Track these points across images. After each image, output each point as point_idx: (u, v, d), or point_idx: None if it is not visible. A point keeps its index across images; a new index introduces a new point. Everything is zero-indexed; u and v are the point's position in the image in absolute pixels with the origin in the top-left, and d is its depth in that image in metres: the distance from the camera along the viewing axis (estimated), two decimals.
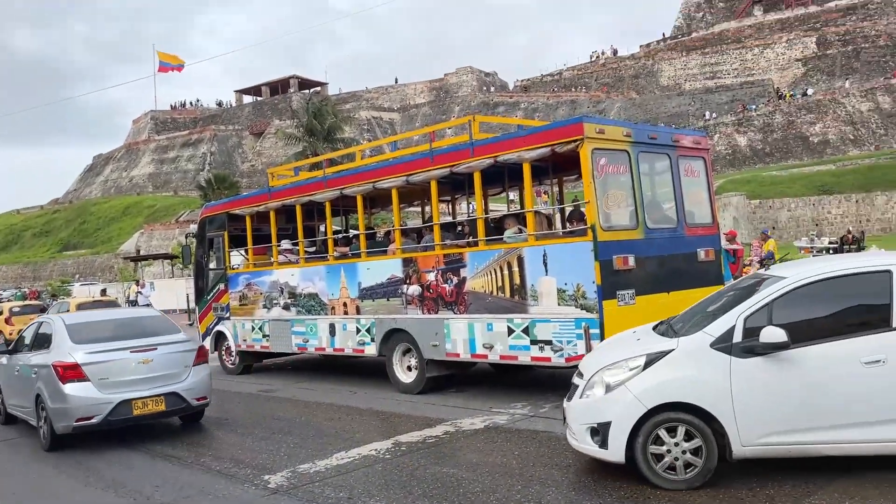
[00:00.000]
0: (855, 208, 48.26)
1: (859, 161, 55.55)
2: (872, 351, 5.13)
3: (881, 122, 67.18)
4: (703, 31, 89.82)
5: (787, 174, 54.80)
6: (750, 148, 68.85)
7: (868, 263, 5.60)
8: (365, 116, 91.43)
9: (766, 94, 76.58)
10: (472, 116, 10.09)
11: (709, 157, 10.24)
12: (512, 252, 9.03)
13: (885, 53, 74.42)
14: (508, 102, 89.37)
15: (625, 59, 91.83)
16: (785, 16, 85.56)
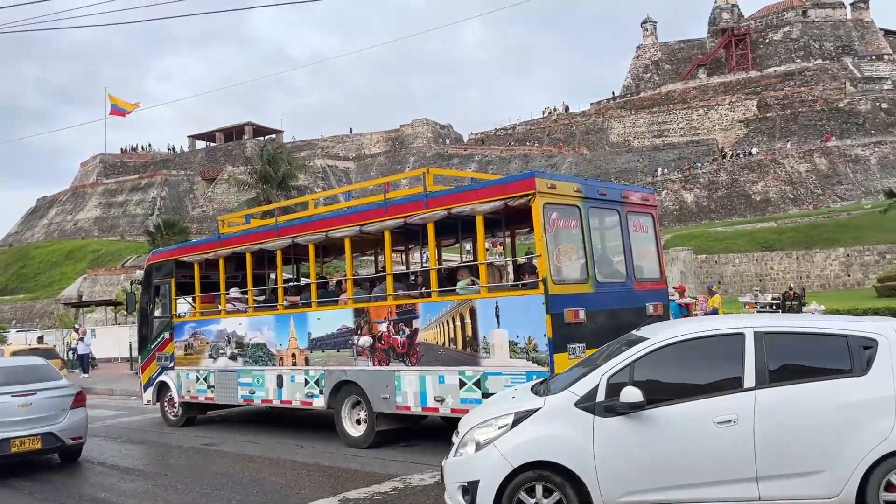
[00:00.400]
0: (796, 265, 49.89)
1: (799, 219, 57.70)
2: (724, 411, 5.24)
3: (818, 182, 70.17)
4: (651, 91, 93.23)
5: (732, 230, 56.52)
6: (696, 204, 70.98)
7: (724, 326, 5.78)
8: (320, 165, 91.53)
9: (710, 152, 79.42)
10: (427, 168, 10.18)
11: (657, 213, 10.49)
12: (464, 303, 9.02)
13: (822, 118, 78.23)
14: (463, 154, 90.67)
15: (576, 116, 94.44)
16: (727, 79, 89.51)
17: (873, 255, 48.12)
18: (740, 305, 19.35)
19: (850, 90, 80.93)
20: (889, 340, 5.31)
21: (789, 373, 5.36)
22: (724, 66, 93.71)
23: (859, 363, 5.25)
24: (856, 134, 74.89)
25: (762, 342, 5.40)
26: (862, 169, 70.94)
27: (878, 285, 37.64)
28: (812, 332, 5.51)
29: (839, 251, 49.16)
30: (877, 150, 72.17)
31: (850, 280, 47.97)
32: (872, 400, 5.11)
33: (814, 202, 67.22)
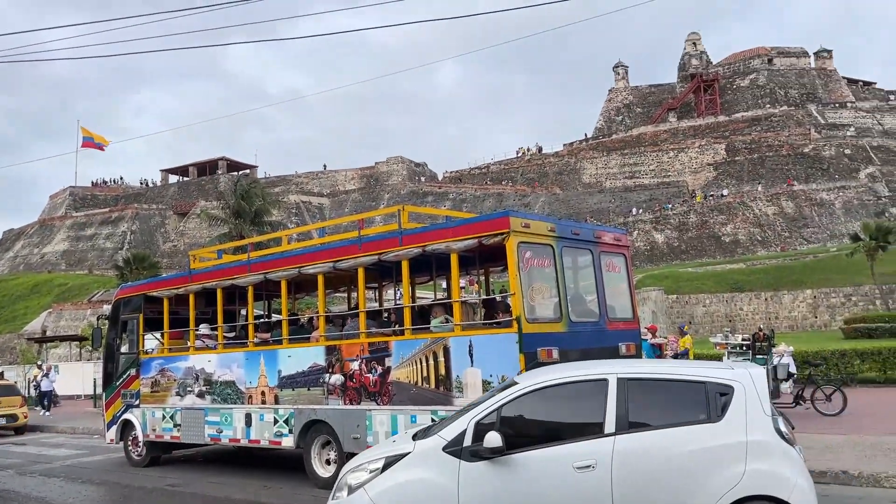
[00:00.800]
0: (764, 306, 50.56)
1: (767, 261, 58.68)
2: (584, 456, 5.26)
3: (785, 224, 71.61)
4: (623, 133, 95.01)
5: (702, 271, 57.25)
6: (667, 245, 71.90)
7: (589, 372, 5.81)
8: (294, 201, 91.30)
9: (681, 194, 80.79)
10: (402, 206, 10.19)
11: (629, 253, 10.59)
12: (438, 342, 8.96)
13: (788, 162, 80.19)
14: (437, 192, 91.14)
15: (549, 157, 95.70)
16: (697, 123, 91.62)
17: (839, 298, 48.98)
18: (711, 346, 19.48)
19: (814, 136, 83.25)
20: (745, 387, 5.36)
21: (649, 418, 5.42)
22: (693, 111, 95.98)
23: (715, 410, 5.29)
24: (821, 178, 76.82)
25: (625, 388, 5.46)
26: (827, 212, 72.61)
27: (845, 327, 38.25)
28: (673, 378, 5.60)
29: (806, 293, 49.98)
30: (841, 194, 74.03)
31: (817, 321, 48.70)
32: (725, 446, 5.15)
33: (781, 244, 68.49)
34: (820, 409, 13.91)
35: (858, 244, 43.51)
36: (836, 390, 14.15)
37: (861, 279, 46.63)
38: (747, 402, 5.28)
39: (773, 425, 5.22)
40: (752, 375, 5.45)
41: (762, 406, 5.26)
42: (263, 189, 44.89)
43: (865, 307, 46.19)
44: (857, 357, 19.20)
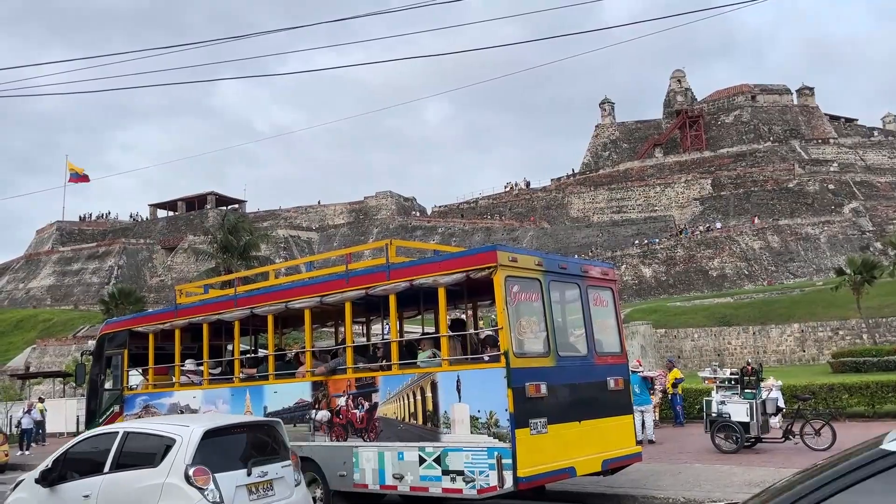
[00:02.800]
0: (753, 340, 50.65)
1: (754, 295, 58.94)
2: (88, 488, 7.36)
3: (772, 259, 72.14)
4: (610, 168, 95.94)
5: (690, 305, 57.40)
6: (655, 279, 72.16)
7: (109, 428, 8.55)
8: (283, 235, 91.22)
9: (668, 229, 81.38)
10: (389, 240, 10.20)
11: (616, 287, 10.61)
12: (425, 377, 8.90)
13: (773, 197, 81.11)
14: (426, 227, 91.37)
15: (537, 191, 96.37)
16: (683, 159, 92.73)
17: (826, 331, 49.17)
18: (699, 380, 19.45)
19: (798, 171, 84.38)
20: (183, 439, 7.08)
21: (129, 462, 7.40)
22: (679, 146, 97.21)
23: (159, 457, 7.14)
24: (805, 213, 77.67)
25: (125, 438, 7.59)
26: (813, 247, 73.27)
27: (833, 361, 38.33)
28: (149, 431, 7.70)
29: (794, 327, 50.15)
30: (826, 228, 74.81)
31: (804, 355, 48.79)
32: (154, 485, 6.94)
33: (768, 278, 68.89)
34: (809, 444, 13.86)
35: (844, 278, 43.85)
36: (825, 424, 14.12)
37: (847, 313, 46.88)
38: (179, 452, 6.99)
39: (185, 472, 6.83)
40: (191, 432, 7.17)
41: (185, 456, 6.94)
42: (252, 223, 44.92)
43: (852, 341, 46.35)
44: (846, 391, 19.19)
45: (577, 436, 8.75)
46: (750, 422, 14.12)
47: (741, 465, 12.23)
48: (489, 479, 8.04)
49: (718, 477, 10.91)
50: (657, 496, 9.81)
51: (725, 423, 14.27)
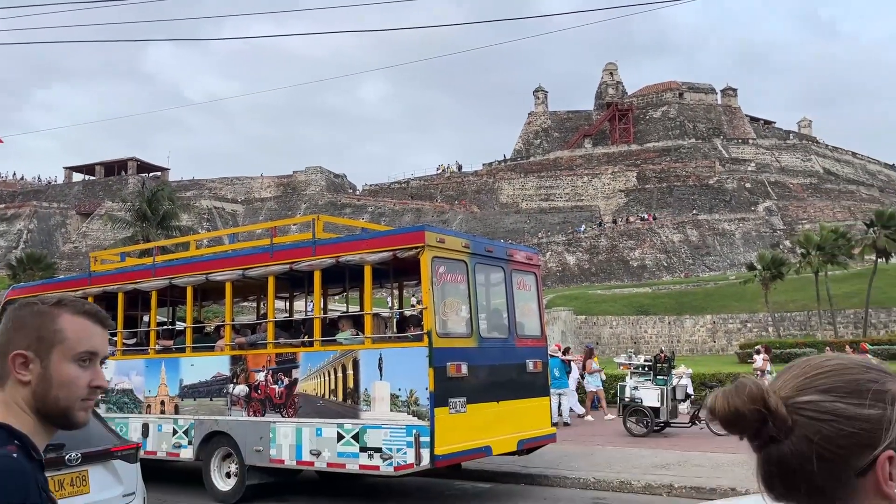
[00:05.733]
0: (668, 329, 52.59)
1: (671, 286, 61.12)
2: None
3: (689, 252, 74.87)
4: (540, 156, 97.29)
5: (610, 293, 59.05)
6: (578, 267, 73.85)
7: None
8: (206, 206, 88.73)
9: (593, 218, 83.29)
10: (317, 215, 10.08)
11: (540, 272, 10.81)
12: (348, 354, 8.87)
13: (694, 192, 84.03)
14: (356, 205, 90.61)
15: (468, 175, 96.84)
16: (611, 150, 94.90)
17: (736, 323, 51.50)
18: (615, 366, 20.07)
19: (719, 169, 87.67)
20: None
21: None
22: (608, 138, 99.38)
23: None
24: (723, 210, 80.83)
25: None
26: (728, 242, 76.41)
27: (740, 352, 40.24)
28: None
29: (707, 318, 52.31)
30: (741, 225, 78.09)
31: (715, 346, 51.00)
32: None
33: (685, 271, 71.51)
34: (713, 430, 14.52)
35: (754, 273, 45.95)
36: None
37: (756, 307, 49.19)
38: None
39: None
40: None
41: None
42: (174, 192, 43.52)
43: (759, 333, 48.71)
44: None
45: (494, 416, 8.91)
46: (660, 407, 14.69)
47: (650, 447, 12.72)
48: (406, 457, 8.11)
49: (628, 459, 11.33)
50: (569, 476, 10.11)
51: (637, 407, 14.81)
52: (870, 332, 41.86)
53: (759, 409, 0.95)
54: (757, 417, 0.95)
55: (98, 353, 1.53)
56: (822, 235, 43.06)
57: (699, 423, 14.85)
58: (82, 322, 1.52)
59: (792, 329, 48.03)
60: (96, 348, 1.53)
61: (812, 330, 45.71)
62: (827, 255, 42.00)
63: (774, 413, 0.94)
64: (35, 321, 1.49)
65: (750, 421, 0.95)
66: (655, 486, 9.38)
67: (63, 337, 1.48)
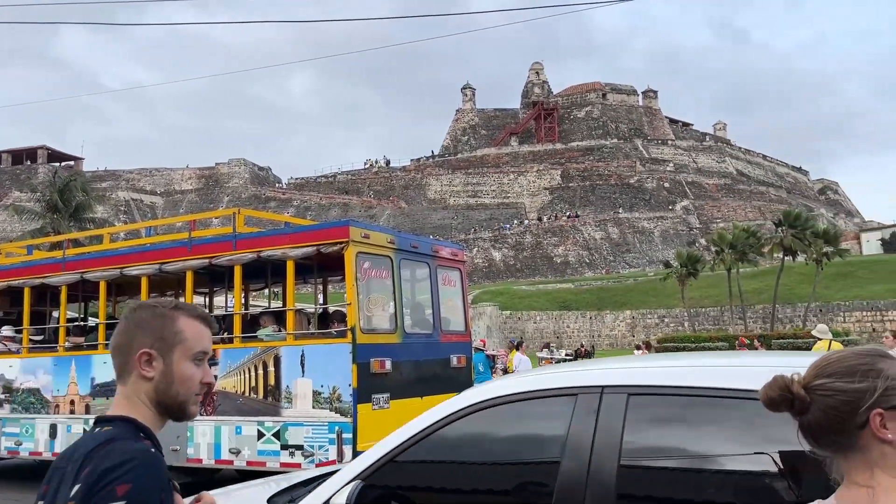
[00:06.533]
0: (589, 324, 53.94)
1: (593, 282, 62.71)
2: None
3: (611, 249, 76.95)
4: (468, 153, 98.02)
5: (535, 289, 60.10)
6: (504, 263, 74.81)
7: None
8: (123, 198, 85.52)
9: (519, 216, 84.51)
10: (238, 209, 9.86)
11: (465, 268, 10.89)
12: (269, 351, 8.71)
13: (615, 191, 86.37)
14: (281, 199, 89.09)
15: (396, 171, 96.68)
16: (536, 149, 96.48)
17: (654, 318, 53.27)
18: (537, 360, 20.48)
19: (639, 169, 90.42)
20: None
21: None
22: (533, 137, 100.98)
23: None
24: (642, 208, 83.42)
25: None
26: (647, 240, 78.92)
27: (658, 346, 41.67)
28: None
29: (626, 313, 53.91)
30: (659, 224, 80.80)
31: (634, 340, 52.60)
32: None
33: (606, 267, 73.47)
34: None
35: (672, 270, 47.62)
36: None
37: (673, 302, 51.01)
38: None
39: None
40: None
41: None
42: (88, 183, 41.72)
43: (675, 328, 50.56)
44: None
45: (418, 410, 8.89)
46: None
47: None
48: (328, 454, 8.03)
49: None
50: None
51: None
52: (777, 327, 44.03)
53: (786, 394, 1.40)
54: (786, 400, 1.40)
55: (208, 353, 1.70)
56: (735, 234, 44.98)
57: None
58: (197, 325, 1.68)
59: (706, 324, 50.04)
60: (207, 349, 1.70)
61: (724, 324, 47.74)
62: (739, 254, 43.91)
63: (796, 396, 1.40)
64: (157, 323, 1.64)
65: (782, 403, 1.41)
66: None
67: (183, 338, 1.64)
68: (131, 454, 1.48)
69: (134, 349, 1.62)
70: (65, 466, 1.53)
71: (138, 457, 1.48)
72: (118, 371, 1.65)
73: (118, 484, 1.43)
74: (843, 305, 46.72)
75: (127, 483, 1.43)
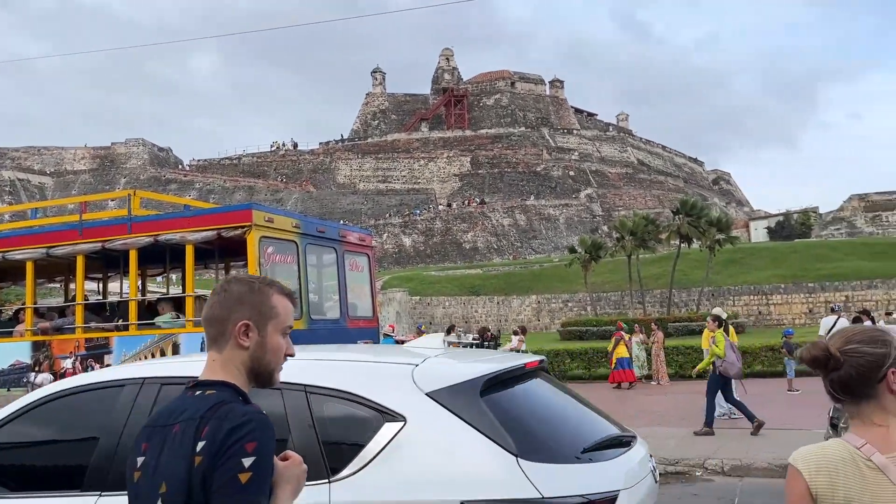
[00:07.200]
0: (497, 309, 54.87)
1: (501, 268, 63.77)
2: None
3: (518, 235, 78.41)
4: (378, 138, 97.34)
5: (444, 275, 60.56)
6: (414, 248, 74.95)
7: None
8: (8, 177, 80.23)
9: (429, 202, 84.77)
10: (134, 190, 9.42)
11: (373, 253, 10.83)
12: (167, 338, 8.40)
13: (523, 179, 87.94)
14: (183, 181, 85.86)
15: (304, 154, 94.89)
16: (446, 135, 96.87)
17: (559, 303, 54.75)
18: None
19: (546, 157, 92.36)
20: None
21: None
22: (444, 123, 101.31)
23: None
24: (549, 196, 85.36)
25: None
26: (553, 227, 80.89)
27: (562, 329, 42.89)
28: None
29: (532, 298, 55.14)
30: (565, 211, 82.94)
31: (540, 324, 53.94)
32: None
33: (514, 253, 74.86)
34: None
35: (576, 256, 49.01)
36: None
37: (577, 287, 52.55)
38: None
39: None
40: None
41: None
42: None
43: (579, 312, 52.13)
44: (568, 356, 21.58)
45: None
46: None
47: None
48: None
49: None
50: None
51: None
52: (672, 311, 46.14)
53: (826, 354, 1.87)
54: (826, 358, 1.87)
55: (292, 328, 1.89)
56: (635, 222, 46.72)
57: None
58: (286, 301, 1.86)
59: (607, 308, 51.85)
60: (292, 324, 1.89)
61: (624, 308, 49.61)
62: (638, 240, 45.65)
63: (834, 356, 1.87)
64: (255, 298, 1.81)
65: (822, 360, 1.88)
66: None
67: (276, 313, 1.83)
68: (250, 415, 1.65)
69: (233, 320, 1.78)
70: (169, 425, 1.69)
71: (257, 418, 1.66)
72: (213, 339, 1.81)
73: (246, 442, 1.60)
74: (733, 290, 49.44)
75: (253, 441, 1.61)
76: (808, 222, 78.54)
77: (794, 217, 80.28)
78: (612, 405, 15.45)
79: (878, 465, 1.82)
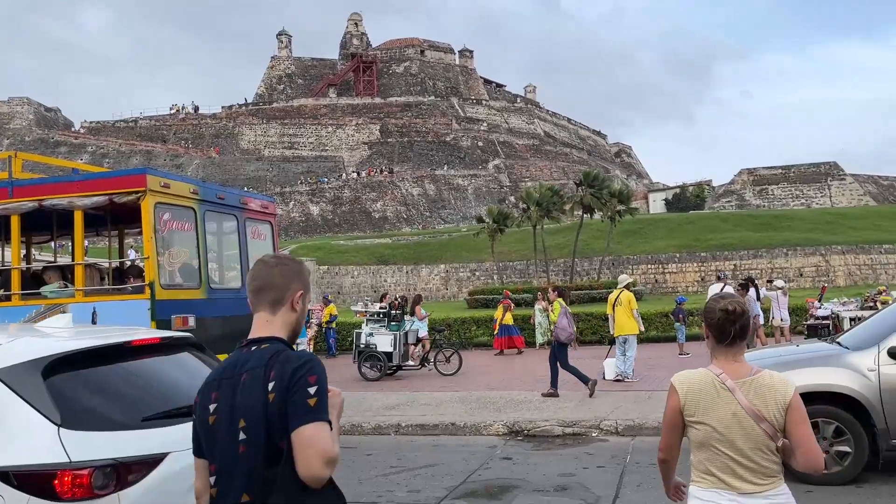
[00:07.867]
0: (406, 278, 55.01)
1: (410, 237, 63.84)
2: None
3: (427, 205, 78.59)
4: (284, 103, 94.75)
5: (353, 244, 60.08)
6: (322, 217, 73.87)
7: None
8: None
9: (337, 169, 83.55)
10: (14, 152, 8.83)
11: (276, 221, 10.60)
12: (53, 308, 7.97)
13: (433, 148, 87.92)
14: (73, 143, 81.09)
15: (206, 118, 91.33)
16: (355, 102, 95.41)
17: (466, 272, 55.45)
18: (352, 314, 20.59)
19: (455, 127, 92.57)
20: None
21: None
22: (352, 89, 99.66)
23: None
24: (458, 166, 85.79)
25: None
26: (462, 197, 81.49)
27: (469, 298, 43.50)
28: None
29: (441, 267, 55.59)
30: (473, 181, 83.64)
31: (447, 293, 54.53)
32: None
33: (423, 223, 75.04)
34: (440, 370, 15.61)
35: (483, 226, 49.64)
36: (454, 353, 16.01)
37: (484, 256, 53.34)
38: None
39: None
40: None
41: None
42: None
43: (486, 281, 52.99)
44: (475, 324, 21.98)
45: None
46: (393, 351, 15.37)
47: (382, 391, 13.31)
48: None
49: (361, 402, 11.73)
50: None
51: (372, 353, 15.34)
52: (575, 279, 47.60)
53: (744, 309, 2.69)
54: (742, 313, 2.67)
55: None
56: (541, 193, 47.68)
57: (428, 364, 15.86)
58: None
59: (513, 277, 52.94)
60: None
61: (529, 277, 50.79)
62: (544, 211, 46.66)
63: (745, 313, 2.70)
64: (304, 273, 2.30)
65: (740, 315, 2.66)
66: (384, 427, 9.86)
67: (310, 286, 2.30)
68: (307, 357, 2.09)
69: (292, 288, 2.22)
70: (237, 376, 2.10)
71: (312, 358, 2.09)
72: (269, 302, 2.21)
73: (309, 376, 2.03)
74: (632, 259, 51.44)
75: (314, 374, 2.05)
76: (703, 195, 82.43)
77: (689, 190, 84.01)
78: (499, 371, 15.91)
79: (728, 387, 2.59)
